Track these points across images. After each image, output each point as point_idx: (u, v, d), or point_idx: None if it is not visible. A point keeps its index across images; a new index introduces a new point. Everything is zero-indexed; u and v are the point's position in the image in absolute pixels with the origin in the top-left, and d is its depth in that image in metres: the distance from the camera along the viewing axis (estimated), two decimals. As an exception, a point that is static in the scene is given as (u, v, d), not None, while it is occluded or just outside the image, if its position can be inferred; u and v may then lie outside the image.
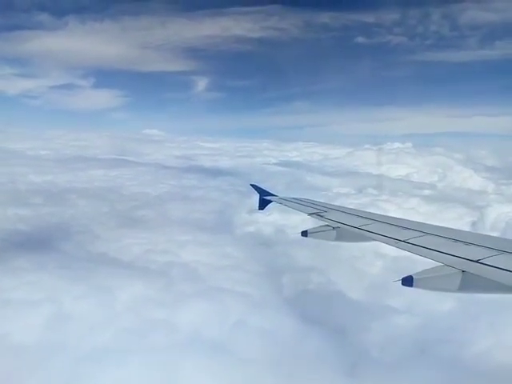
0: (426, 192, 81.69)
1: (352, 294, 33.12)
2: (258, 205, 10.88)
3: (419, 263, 4.94)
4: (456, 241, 5.57)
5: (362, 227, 6.67)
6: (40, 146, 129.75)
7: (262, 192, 11.04)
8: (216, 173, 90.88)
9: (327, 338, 24.39)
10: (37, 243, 36.73)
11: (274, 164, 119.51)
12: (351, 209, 8.55)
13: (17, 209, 47.24)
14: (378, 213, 7.90)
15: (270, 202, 10.47)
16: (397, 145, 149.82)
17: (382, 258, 41.10)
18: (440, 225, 6.46)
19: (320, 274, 37.30)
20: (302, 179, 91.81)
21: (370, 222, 6.99)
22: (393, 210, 55.08)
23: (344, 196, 72.89)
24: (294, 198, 10.05)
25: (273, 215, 52.41)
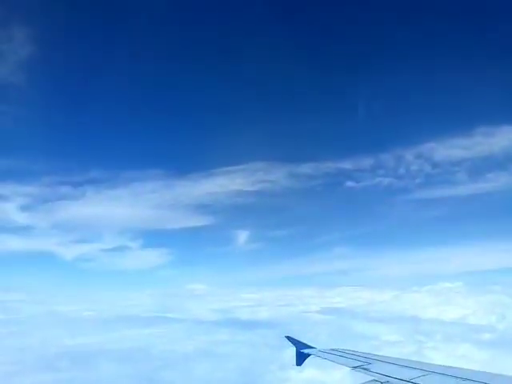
0: (485, 336, 73.42)
1: None
2: (295, 359, 9.87)
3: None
4: None
5: (414, 380, 5.94)
6: (84, 308, 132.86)
7: (299, 345, 10.06)
8: (252, 325, 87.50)
9: None
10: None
11: (316, 312, 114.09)
12: (399, 359, 7.64)
13: (39, 374, 46.54)
14: (427, 362, 7.12)
15: (307, 355, 9.45)
16: (447, 285, 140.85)
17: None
18: (505, 374, 5.71)
19: None
20: (345, 327, 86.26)
21: (423, 373, 6.25)
22: (443, 358, 49.24)
23: (391, 344, 66.97)
24: (333, 350, 9.16)
25: (309, 370, 47.94)
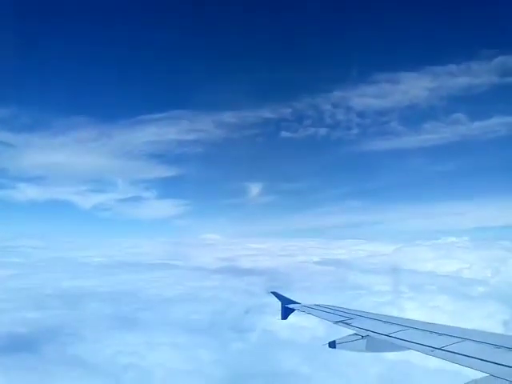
0: (473, 289, 73.82)
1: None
2: (280, 314, 10.20)
3: (458, 375, 4.51)
4: (499, 347, 4.93)
5: (392, 335, 6.26)
6: (96, 254, 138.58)
7: (284, 300, 10.42)
8: (248, 273, 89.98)
9: None
10: (23, 345, 37.85)
11: (315, 262, 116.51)
12: (380, 315, 7.96)
13: (28, 312, 49.89)
14: (406, 316, 7.46)
15: (292, 310, 9.85)
16: (451, 239, 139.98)
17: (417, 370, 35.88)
18: (478, 329, 5.97)
19: None
20: (341, 278, 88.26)
21: (402, 328, 6.58)
22: (414, 309, 50.04)
23: (375, 293, 68.21)
24: (317, 305, 9.55)
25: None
